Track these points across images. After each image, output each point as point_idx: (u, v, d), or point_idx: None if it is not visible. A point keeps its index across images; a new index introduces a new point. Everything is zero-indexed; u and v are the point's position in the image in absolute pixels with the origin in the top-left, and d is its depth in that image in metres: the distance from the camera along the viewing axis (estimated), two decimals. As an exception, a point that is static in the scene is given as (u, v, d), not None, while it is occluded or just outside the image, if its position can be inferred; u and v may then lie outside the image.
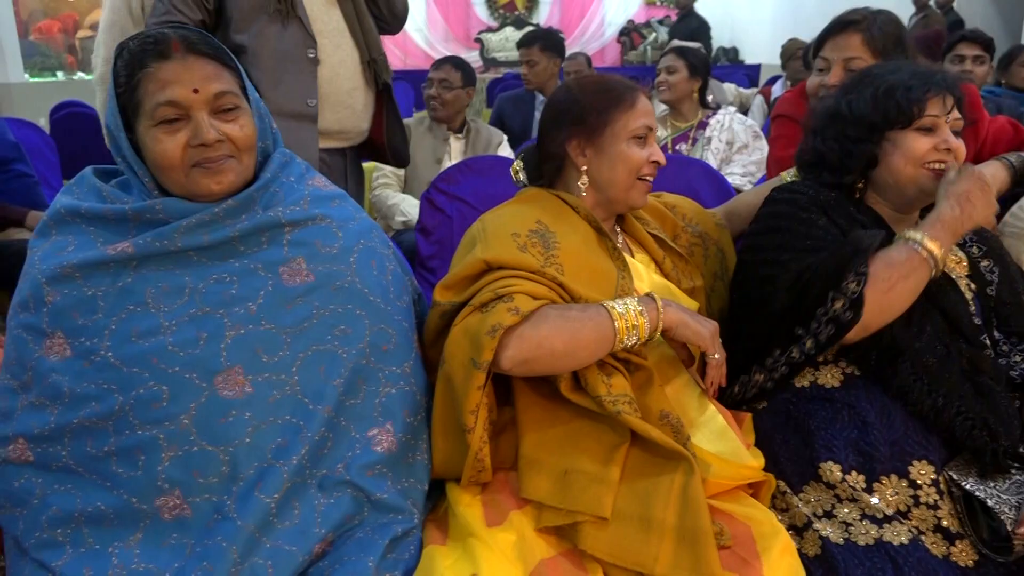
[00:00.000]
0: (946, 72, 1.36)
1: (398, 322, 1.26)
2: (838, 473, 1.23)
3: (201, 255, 1.14)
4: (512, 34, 11.58)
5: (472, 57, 12.43)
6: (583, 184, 1.39)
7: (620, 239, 1.47)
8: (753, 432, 1.34)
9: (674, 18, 12.70)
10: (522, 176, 1.48)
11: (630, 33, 11.68)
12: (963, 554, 1.17)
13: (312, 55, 2.05)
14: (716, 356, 1.26)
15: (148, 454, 1.08)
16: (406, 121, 3.27)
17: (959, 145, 1.33)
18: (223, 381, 1.10)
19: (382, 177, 3.13)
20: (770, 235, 1.37)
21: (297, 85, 2.05)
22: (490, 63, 11.62)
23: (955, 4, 7.15)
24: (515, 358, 1.15)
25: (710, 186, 2.40)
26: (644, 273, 1.42)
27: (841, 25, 1.78)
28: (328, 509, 1.13)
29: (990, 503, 1.15)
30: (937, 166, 1.32)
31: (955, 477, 1.20)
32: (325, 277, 1.19)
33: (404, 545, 1.16)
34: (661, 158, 1.38)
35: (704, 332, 1.24)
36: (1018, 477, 1.20)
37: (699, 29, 8.33)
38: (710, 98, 3.23)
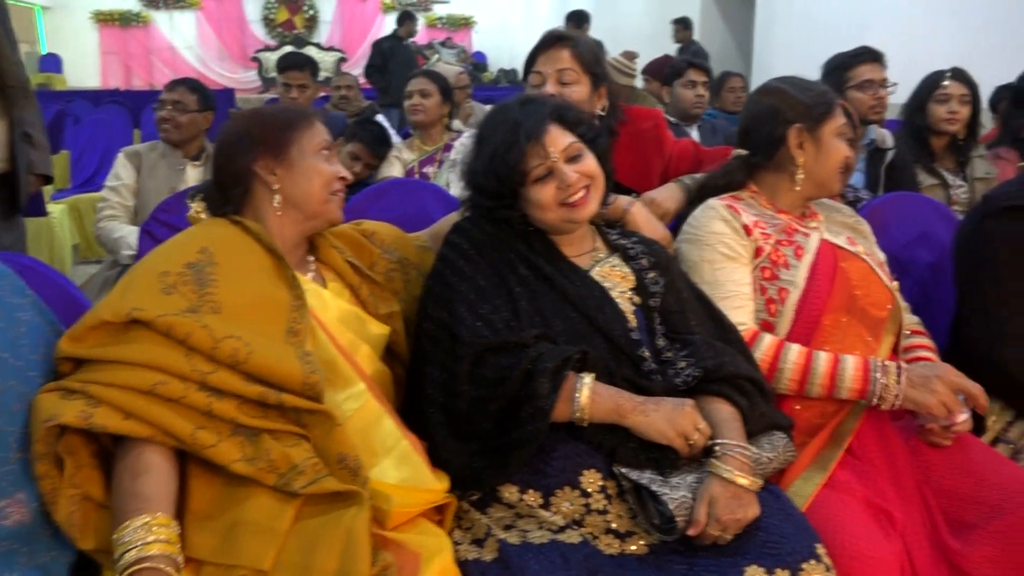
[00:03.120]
0: (536, 112, 1.39)
1: (32, 378, 1.13)
2: (516, 494, 1.27)
3: None
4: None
5: (250, 76, 11.98)
6: (277, 203, 1.35)
7: (313, 268, 1.44)
8: None
9: (456, 40, 13.00)
10: (204, 215, 1.40)
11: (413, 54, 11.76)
12: (635, 547, 1.24)
13: None
14: None
15: None
16: (136, 147, 3.06)
17: (583, 170, 1.38)
18: None
19: (107, 208, 2.89)
20: (441, 287, 1.39)
21: None
22: (269, 83, 11.24)
23: (696, 36, 7.89)
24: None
25: (443, 209, 2.43)
26: (332, 302, 1.39)
27: (552, 40, 1.86)
28: (-58, 599, 0.99)
29: (654, 488, 1.23)
30: (571, 199, 1.37)
31: (624, 471, 1.27)
32: (-69, 334, 1.05)
33: (41, 625, 1.04)
34: (347, 174, 1.41)
35: None
36: (685, 464, 1.29)
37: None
38: (455, 122, 3.31)
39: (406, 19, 7.59)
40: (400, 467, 1.26)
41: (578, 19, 7.39)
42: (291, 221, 1.37)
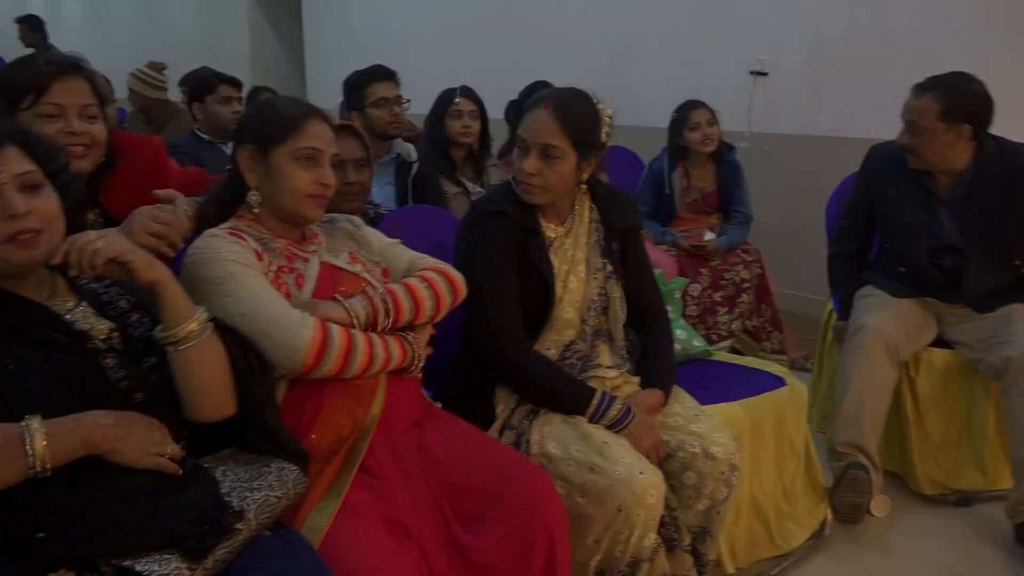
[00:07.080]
0: None
1: None
2: None
3: None
4: None
5: None
6: None
7: None
8: None
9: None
10: None
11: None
12: None
13: None
14: None
15: None
16: None
17: (41, 209, 1.18)
18: None
19: None
20: None
21: None
22: None
23: (247, 46, 7.71)
24: None
25: None
26: None
27: (69, 68, 1.60)
28: None
29: (139, 568, 1.10)
30: (18, 234, 1.15)
31: (115, 561, 1.11)
32: None
33: None
34: None
35: None
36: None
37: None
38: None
39: None
40: None
41: (33, 23, 7.07)
42: None
